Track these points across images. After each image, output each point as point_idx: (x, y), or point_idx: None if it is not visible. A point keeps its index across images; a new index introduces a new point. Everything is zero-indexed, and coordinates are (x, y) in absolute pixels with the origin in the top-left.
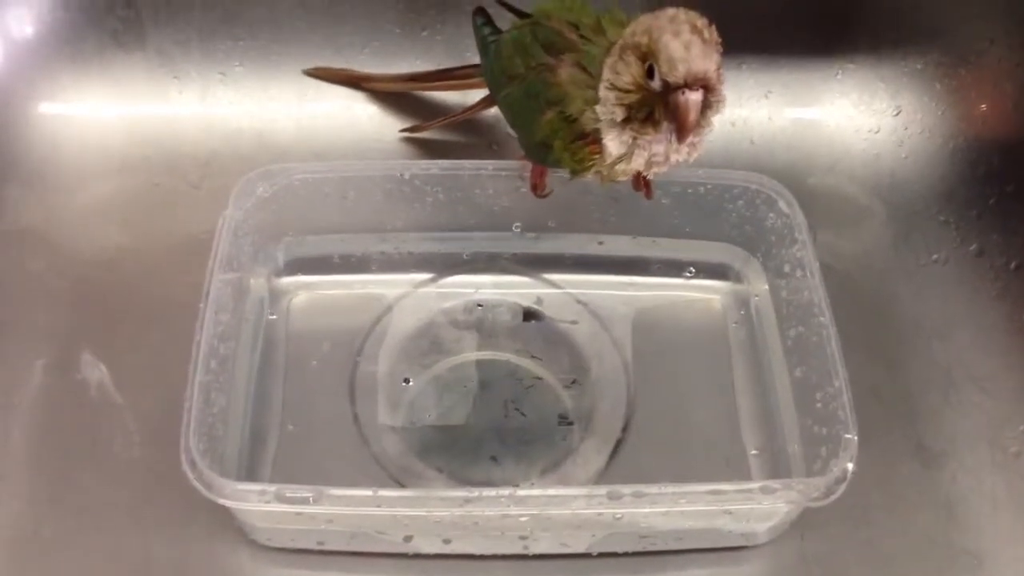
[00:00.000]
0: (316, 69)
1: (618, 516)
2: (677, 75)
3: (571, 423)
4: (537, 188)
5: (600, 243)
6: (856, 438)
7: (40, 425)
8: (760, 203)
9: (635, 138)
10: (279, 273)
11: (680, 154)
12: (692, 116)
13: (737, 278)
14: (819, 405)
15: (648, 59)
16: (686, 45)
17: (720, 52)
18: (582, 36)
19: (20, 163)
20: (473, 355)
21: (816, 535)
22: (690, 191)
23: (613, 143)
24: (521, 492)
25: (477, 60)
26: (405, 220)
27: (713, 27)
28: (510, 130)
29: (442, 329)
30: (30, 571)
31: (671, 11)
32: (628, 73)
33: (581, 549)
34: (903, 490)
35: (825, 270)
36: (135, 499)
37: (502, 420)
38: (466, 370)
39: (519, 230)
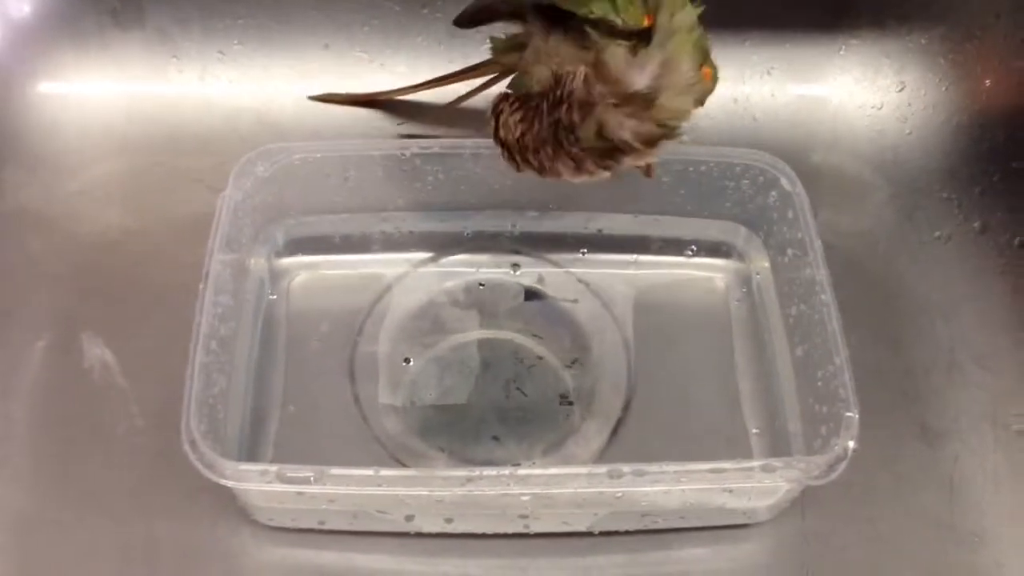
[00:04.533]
0: (324, 95)
1: (618, 495)
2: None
3: (572, 403)
4: None
5: (601, 222)
6: (857, 416)
7: (41, 407)
8: (762, 181)
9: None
10: (279, 253)
11: None
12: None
13: (739, 256)
14: (820, 383)
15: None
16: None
17: None
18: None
19: (19, 143)
20: (474, 335)
21: (817, 513)
22: (691, 169)
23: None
24: (522, 472)
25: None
26: (406, 199)
27: None
28: None
29: (443, 309)
30: (33, 553)
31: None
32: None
33: (582, 528)
34: (905, 469)
35: (827, 248)
36: (137, 480)
37: (503, 400)
38: (467, 350)
39: (520, 209)
